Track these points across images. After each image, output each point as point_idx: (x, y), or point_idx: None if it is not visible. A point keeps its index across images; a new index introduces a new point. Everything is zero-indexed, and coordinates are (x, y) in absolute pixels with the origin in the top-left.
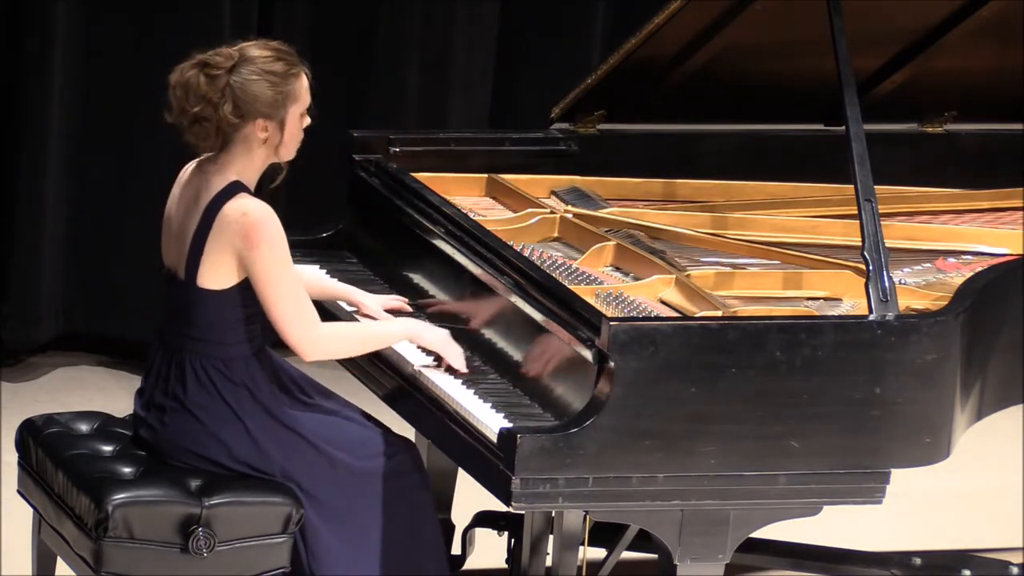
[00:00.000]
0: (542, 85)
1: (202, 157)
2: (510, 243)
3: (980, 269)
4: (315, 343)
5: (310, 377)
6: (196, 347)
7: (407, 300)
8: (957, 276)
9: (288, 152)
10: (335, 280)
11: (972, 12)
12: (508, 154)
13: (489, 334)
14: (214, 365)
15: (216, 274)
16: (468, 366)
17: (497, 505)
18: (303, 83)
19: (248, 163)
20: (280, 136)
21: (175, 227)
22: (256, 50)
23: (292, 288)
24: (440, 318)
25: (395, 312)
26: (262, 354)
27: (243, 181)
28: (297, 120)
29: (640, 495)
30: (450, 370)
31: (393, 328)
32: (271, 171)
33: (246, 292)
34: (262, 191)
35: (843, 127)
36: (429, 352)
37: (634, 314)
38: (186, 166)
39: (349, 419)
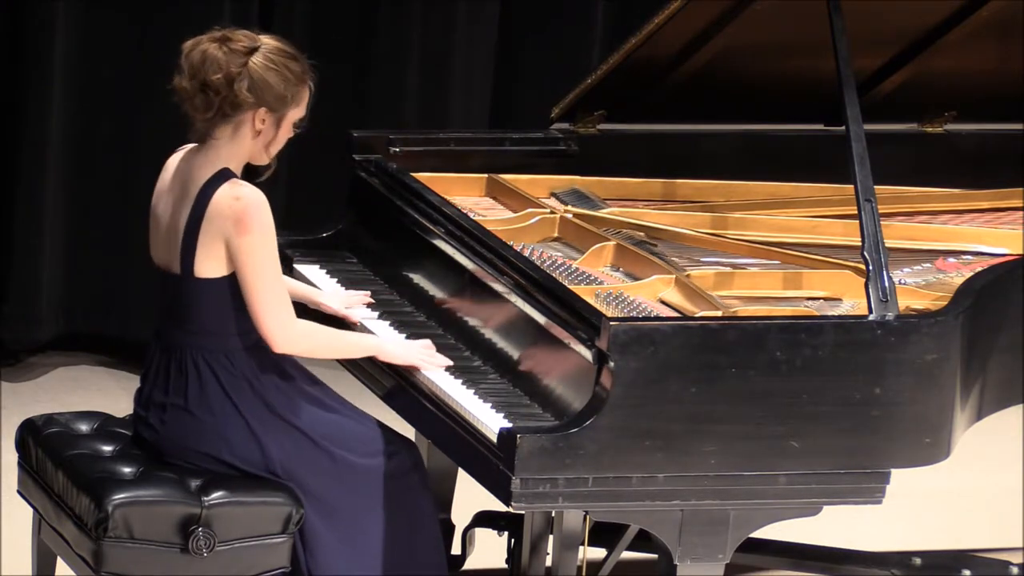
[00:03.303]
0: (542, 85)
1: (186, 148)
2: (510, 243)
3: (980, 269)
4: (289, 338)
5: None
6: (197, 341)
7: (368, 293)
8: (957, 276)
9: (268, 155)
10: (296, 281)
11: (972, 12)
12: (508, 154)
13: (489, 334)
14: (216, 359)
15: (212, 262)
16: (468, 366)
17: (497, 505)
18: (307, 93)
19: (234, 152)
20: (272, 134)
21: (164, 222)
22: (275, 43)
23: (275, 278)
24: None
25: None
26: (261, 345)
27: (231, 169)
28: (290, 126)
29: (640, 495)
30: (449, 370)
31: (364, 342)
32: (251, 169)
33: None
34: (258, 182)
35: (843, 127)
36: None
37: (634, 314)
38: (169, 160)
39: (349, 416)
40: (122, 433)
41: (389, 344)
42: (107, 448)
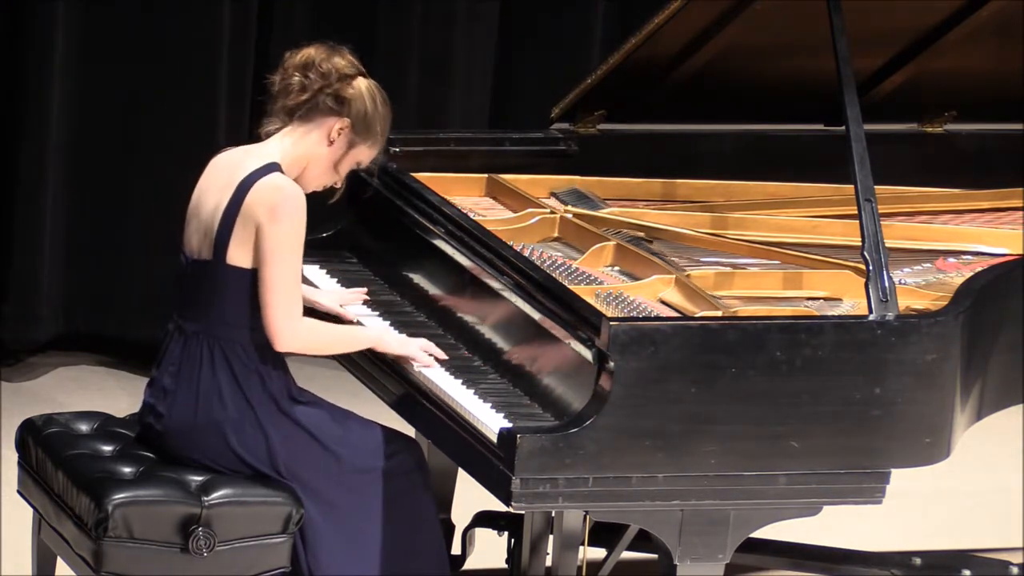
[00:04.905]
0: (542, 85)
1: (233, 149)
2: (510, 243)
3: (980, 269)
4: (294, 332)
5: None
6: (215, 330)
7: (366, 290)
8: (957, 276)
9: (338, 173)
10: None
11: (972, 12)
12: (508, 154)
13: (489, 334)
14: (231, 348)
15: (243, 251)
16: (468, 366)
17: (497, 505)
18: (380, 146)
19: (294, 157)
20: (340, 154)
21: (205, 208)
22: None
23: (293, 273)
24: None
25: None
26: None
27: (282, 167)
28: (354, 160)
29: (640, 495)
30: (449, 369)
31: (363, 334)
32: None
33: None
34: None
35: (843, 127)
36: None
37: (634, 314)
38: (214, 159)
39: (350, 418)
40: (122, 433)
41: (388, 336)
42: (107, 448)
